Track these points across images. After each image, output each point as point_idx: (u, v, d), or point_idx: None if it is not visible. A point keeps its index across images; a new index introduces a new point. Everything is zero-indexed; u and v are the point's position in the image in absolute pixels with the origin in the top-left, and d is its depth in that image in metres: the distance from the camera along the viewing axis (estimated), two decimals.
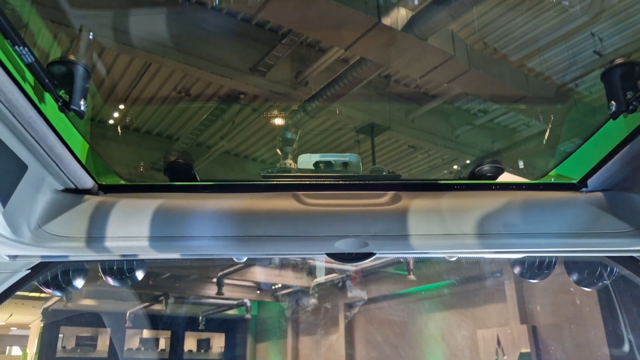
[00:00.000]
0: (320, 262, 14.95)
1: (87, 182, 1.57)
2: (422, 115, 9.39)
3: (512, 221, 1.54)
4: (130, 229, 1.51)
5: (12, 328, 21.93)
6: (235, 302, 17.95)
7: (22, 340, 20.65)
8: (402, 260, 13.42)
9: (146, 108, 9.57)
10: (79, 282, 1.99)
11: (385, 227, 1.54)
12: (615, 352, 9.49)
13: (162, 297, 16.27)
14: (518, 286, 12.26)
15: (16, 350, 21.97)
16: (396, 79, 8.81)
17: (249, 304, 17.65)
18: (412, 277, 13.24)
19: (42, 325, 16.39)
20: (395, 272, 14.54)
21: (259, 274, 16.27)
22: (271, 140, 10.04)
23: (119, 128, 8.44)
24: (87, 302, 15.76)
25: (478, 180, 1.76)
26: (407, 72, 8.24)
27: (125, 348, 17.02)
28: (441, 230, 1.53)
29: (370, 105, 9.28)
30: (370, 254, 1.64)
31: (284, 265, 15.43)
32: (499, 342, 12.26)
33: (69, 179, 1.51)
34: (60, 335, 16.98)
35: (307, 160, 1.95)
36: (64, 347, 16.69)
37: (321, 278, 15.45)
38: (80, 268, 1.99)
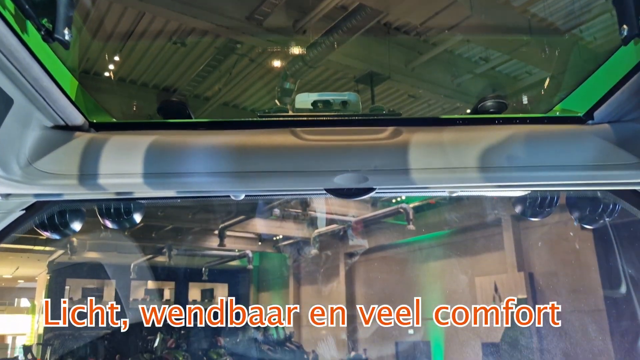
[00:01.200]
0: (322, 213, 15.05)
1: (78, 118, 1.51)
2: (422, 64, 9.21)
3: (516, 154, 1.50)
4: (124, 166, 1.47)
5: (19, 281, 22.38)
6: (237, 253, 18.25)
7: (30, 293, 21.11)
8: (401, 210, 13.52)
9: (141, 60, 9.37)
10: (75, 224, 1.97)
11: (385, 162, 1.50)
12: (609, 294, 9.70)
13: (165, 249, 16.51)
14: (516, 235, 12.43)
15: (24, 302, 22.53)
16: (396, 27, 8.57)
17: (250, 255, 17.95)
18: (411, 227, 13.38)
19: (49, 277, 16.74)
20: (395, 222, 14.67)
21: (260, 225, 16.42)
22: (270, 91, 9.89)
23: (112, 75, 8.29)
24: (92, 255, 16.01)
25: (481, 115, 1.71)
26: (407, 19, 8.02)
27: (131, 299, 17.42)
28: (443, 164, 1.49)
29: (369, 54, 9.08)
30: (370, 189, 1.61)
31: (285, 217, 15.54)
32: (496, 289, 12.53)
33: (58, 115, 1.46)
34: (67, 287, 17.35)
35: (304, 100, 1.89)
36: (70, 299, 17.07)
37: (322, 229, 15.58)
38: (76, 209, 1.97)
